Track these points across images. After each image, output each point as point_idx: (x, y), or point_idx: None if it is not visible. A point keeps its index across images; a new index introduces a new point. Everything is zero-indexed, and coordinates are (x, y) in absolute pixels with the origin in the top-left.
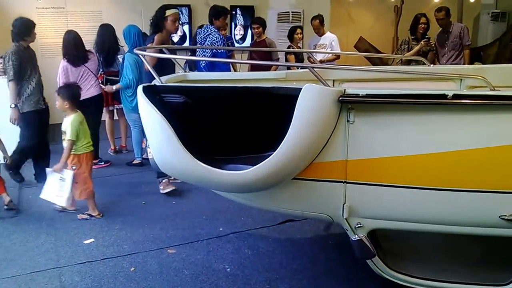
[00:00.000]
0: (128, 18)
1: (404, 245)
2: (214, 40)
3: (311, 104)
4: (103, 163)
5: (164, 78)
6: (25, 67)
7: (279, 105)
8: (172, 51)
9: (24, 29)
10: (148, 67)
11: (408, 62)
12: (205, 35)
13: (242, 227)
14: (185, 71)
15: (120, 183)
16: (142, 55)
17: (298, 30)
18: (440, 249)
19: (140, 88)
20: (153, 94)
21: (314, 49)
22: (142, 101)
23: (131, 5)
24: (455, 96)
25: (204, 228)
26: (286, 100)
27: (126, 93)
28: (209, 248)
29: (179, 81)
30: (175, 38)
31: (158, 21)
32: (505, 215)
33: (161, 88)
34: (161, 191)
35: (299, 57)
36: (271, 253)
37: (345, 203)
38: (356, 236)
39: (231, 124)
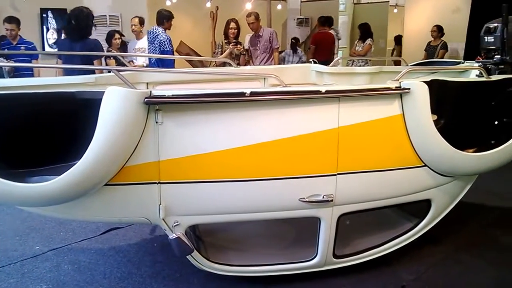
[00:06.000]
0: None
1: (226, 236)
2: (162, 39)
3: (115, 107)
4: None
5: None
6: None
7: (85, 110)
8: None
9: None
10: None
11: (224, 64)
12: (154, 36)
13: (62, 242)
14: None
15: None
16: None
17: (117, 35)
18: (258, 236)
19: None
20: None
21: (134, 52)
22: None
23: None
24: (252, 94)
25: (17, 250)
26: (91, 104)
27: None
28: (24, 270)
29: None
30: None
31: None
32: (304, 197)
33: None
34: None
35: (120, 62)
36: (94, 265)
37: (161, 204)
38: (174, 234)
39: (37, 134)
